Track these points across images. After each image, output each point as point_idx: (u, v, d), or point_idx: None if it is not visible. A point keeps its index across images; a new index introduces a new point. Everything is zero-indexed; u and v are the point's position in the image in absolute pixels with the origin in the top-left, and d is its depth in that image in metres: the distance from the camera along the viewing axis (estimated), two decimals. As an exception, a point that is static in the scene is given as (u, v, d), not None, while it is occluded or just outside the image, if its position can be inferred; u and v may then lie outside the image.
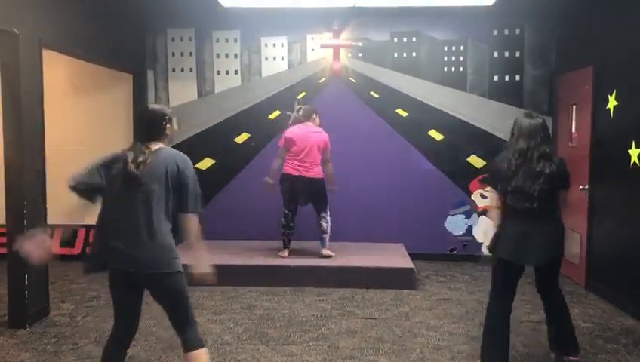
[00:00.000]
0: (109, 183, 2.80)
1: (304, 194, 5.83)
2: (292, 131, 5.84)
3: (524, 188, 3.40)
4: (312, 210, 5.92)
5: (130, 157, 2.76)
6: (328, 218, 5.90)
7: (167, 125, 2.91)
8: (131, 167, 2.73)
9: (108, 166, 2.83)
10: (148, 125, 2.88)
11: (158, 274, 2.76)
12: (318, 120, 5.93)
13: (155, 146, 2.84)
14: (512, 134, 3.54)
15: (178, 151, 2.88)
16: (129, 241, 2.75)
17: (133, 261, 2.74)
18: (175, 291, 2.83)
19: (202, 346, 2.89)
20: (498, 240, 3.55)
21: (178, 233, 2.86)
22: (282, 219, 5.95)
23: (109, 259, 2.80)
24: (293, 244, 6.11)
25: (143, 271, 2.75)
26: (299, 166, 5.75)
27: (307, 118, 5.87)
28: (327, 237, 5.93)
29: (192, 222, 2.82)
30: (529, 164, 3.41)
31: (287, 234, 5.97)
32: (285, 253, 5.98)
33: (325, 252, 5.93)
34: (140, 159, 2.74)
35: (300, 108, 5.98)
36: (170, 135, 2.94)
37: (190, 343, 2.86)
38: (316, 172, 5.80)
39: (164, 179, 2.77)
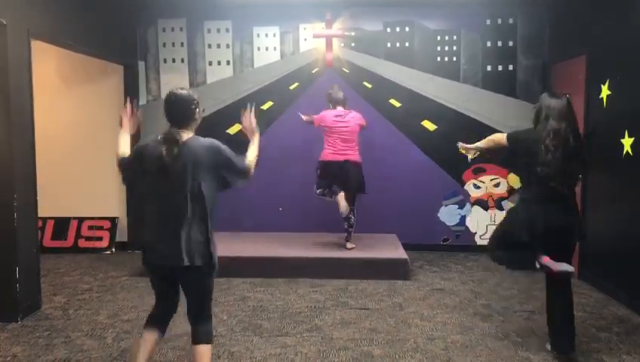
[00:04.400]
0: (143, 172, 2.82)
1: (345, 179, 5.70)
2: (329, 115, 5.75)
3: (561, 169, 3.41)
4: (309, 201, 5.89)
5: (164, 149, 2.71)
6: (355, 212, 5.86)
7: (197, 110, 2.90)
8: (166, 160, 2.70)
9: (141, 153, 2.83)
10: (178, 112, 2.84)
11: (182, 268, 2.76)
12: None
13: (186, 135, 2.81)
14: (540, 113, 3.54)
15: (205, 139, 2.85)
16: (162, 235, 2.77)
17: (164, 253, 2.77)
18: (196, 284, 2.87)
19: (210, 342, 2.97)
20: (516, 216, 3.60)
21: (214, 223, 2.87)
22: (318, 191, 5.79)
23: (146, 253, 2.87)
24: (289, 236, 6.09)
25: (175, 265, 2.76)
26: (343, 150, 5.69)
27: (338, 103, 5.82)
28: (352, 232, 5.91)
29: (249, 160, 2.95)
30: (565, 145, 3.41)
31: (330, 193, 5.76)
32: (342, 200, 5.67)
33: (349, 245, 5.91)
34: (175, 152, 2.71)
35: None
36: (198, 120, 2.93)
37: (200, 336, 2.92)
38: (357, 156, 5.76)
39: (197, 171, 2.75)
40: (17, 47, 4.38)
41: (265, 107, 6.92)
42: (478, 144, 3.97)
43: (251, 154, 3.02)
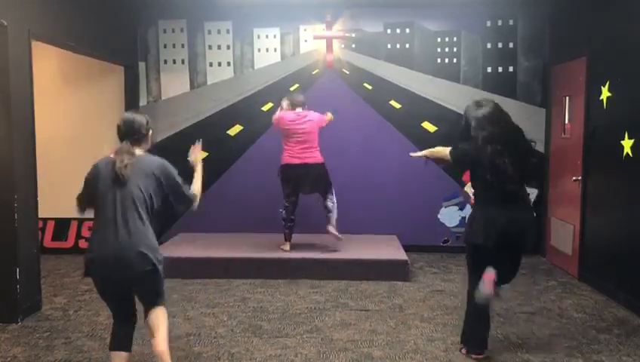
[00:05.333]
0: (98, 187, 2.93)
1: (309, 183, 5.71)
2: (287, 116, 5.72)
3: (498, 173, 3.41)
4: (307, 201, 5.89)
5: (118, 159, 2.87)
6: (334, 198, 5.81)
7: (150, 132, 3.10)
8: (120, 168, 2.84)
9: (96, 174, 2.96)
10: (133, 133, 3.01)
11: (137, 274, 2.86)
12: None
13: (139, 151, 3.00)
14: (469, 124, 3.57)
15: (156, 158, 3.05)
16: (110, 242, 2.83)
17: (108, 262, 2.84)
18: (146, 287, 2.97)
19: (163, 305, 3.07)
20: (471, 224, 3.62)
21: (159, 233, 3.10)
22: (283, 212, 5.86)
23: (94, 261, 2.90)
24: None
25: (123, 271, 2.85)
26: (300, 153, 5.66)
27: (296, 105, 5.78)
28: (332, 216, 5.80)
29: (195, 190, 3.12)
30: (497, 151, 3.42)
31: (288, 226, 5.88)
32: (287, 246, 5.89)
33: (332, 229, 5.79)
34: (126, 161, 2.86)
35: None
36: (149, 142, 3.13)
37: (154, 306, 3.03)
38: (318, 156, 5.71)
39: (146, 184, 2.90)
40: (18, 48, 4.39)
41: (265, 108, 6.92)
42: (424, 152, 3.98)
43: (196, 186, 3.19)
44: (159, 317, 3.01)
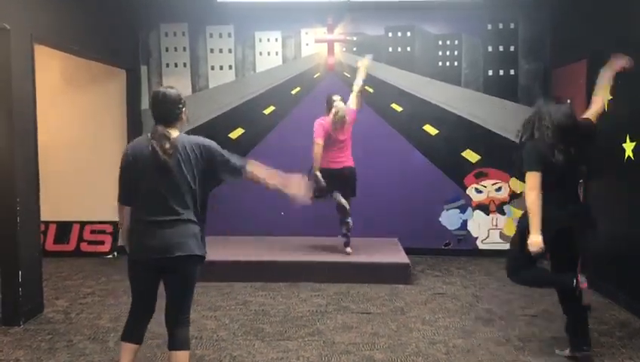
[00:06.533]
0: (137, 176, 2.82)
1: (341, 184, 5.68)
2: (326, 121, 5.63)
3: (565, 172, 3.49)
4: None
5: (157, 145, 2.74)
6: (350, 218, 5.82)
7: (184, 109, 2.93)
8: (162, 155, 2.73)
9: (133, 163, 2.83)
10: (166, 110, 2.86)
11: (178, 258, 2.77)
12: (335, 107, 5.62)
13: (174, 133, 2.84)
14: (541, 120, 3.54)
15: (193, 136, 2.90)
16: (155, 228, 2.77)
17: (157, 247, 2.77)
18: (188, 276, 2.86)
19: (189, 348, 2.95)
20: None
21: (205, 220, 2.96)
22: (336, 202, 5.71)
23: (136, 247, 2.84)
24: (290, 240, 6.09)
25: (164, 256, 2.77)
26: (339, 157, 5.65)
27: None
28: (351, 237, 5.86)
29: (254, 166, 2.94)
30: (567, 149, 3.48)
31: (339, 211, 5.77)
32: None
33: (349, 250, 5.85)
34: (167, 146, 2.74)
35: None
36: (184, 119, 2.96)
37: (177, 342, 2.89)
38: (352, 160, 5.73)
39: (189, 167, 2.79)
40: (21, 52, 4.40)
41: (266, 111, 6.94)
42: (534, 232, 3.50)
43: (261, 170, 3.07)
44: None
